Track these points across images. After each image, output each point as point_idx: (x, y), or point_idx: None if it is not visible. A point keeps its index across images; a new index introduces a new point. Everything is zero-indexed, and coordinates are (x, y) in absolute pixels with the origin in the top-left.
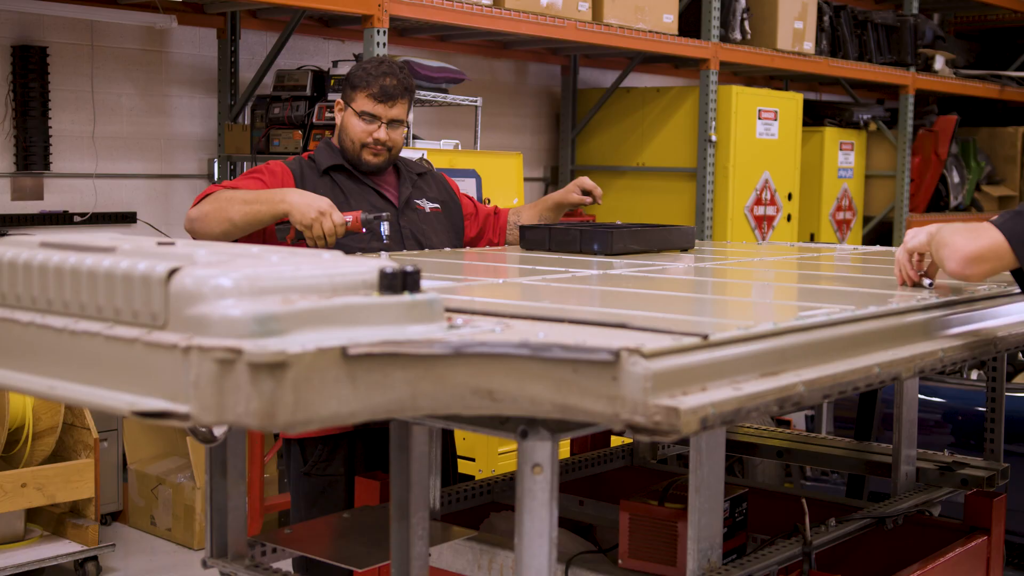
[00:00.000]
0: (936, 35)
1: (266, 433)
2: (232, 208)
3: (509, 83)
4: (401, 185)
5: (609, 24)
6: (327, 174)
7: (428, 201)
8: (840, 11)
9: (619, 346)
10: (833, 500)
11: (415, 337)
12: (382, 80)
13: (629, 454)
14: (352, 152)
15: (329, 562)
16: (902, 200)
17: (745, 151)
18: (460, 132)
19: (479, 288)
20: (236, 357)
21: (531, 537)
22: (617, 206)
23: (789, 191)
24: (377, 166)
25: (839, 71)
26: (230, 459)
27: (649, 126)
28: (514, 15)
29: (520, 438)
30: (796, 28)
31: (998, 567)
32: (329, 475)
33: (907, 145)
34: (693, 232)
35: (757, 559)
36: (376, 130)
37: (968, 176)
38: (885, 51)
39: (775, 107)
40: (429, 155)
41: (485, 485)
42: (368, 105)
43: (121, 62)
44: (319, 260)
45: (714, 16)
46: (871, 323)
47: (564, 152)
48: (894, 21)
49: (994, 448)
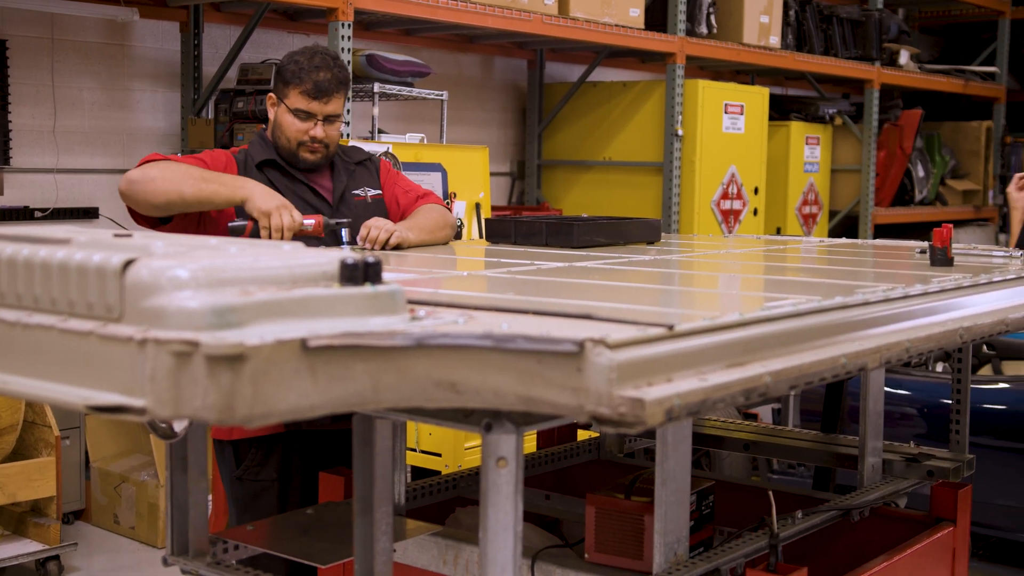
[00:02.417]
0: (901, 30)
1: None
2: (186, 182)
3: (475, 77)
4: (335, 180)
5: (575, 18)
6: (260, 169)
7: (369, 189)
8: (806, 5)
9: (583, 337)
10: (800, 492)
11: (377, 329)
12: (315, 75)
13: (596, 448)
14: (288, 150)
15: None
16: (868, 194)
17: (711, 145)
18: (426, 126)
19: (443, 280)
20: (193, 350)
21: (496, 531)
22: (584, 200)
23: (755, 185)
24: (315, 163)
25: (805, 66)
26: (191, 455)
27: (615, 120)
28: (480, 9)
29: (484, 431)
30: (762, 22)
31: (964, 558)
32: (262, 480)
33: (872, 139)
34: (659, 225)
35: (724, 552)
36: (312, 128)
37: (933, 170)
38: (850, 46)
39: (741, 101)
40: (394, 149)
41: (451, 480)
42: (303, 102)
43: (82, 55)
44: (279, 251)
45: (680, 10)
46: (837, 314)
47: (531, 146)
48: (859, 16)
49: (960, 440)
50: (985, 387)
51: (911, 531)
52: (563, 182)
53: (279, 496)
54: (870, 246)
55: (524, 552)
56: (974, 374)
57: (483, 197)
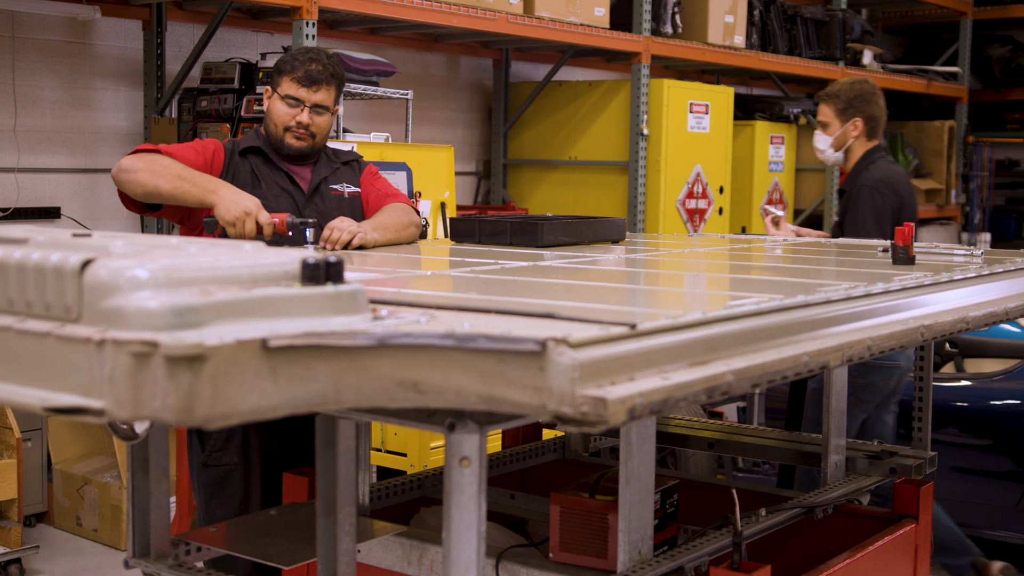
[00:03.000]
0: (864, 30)
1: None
2: (165, 177)
3: (441, 76)
4: (315, 172)
5: (541, 17)
6: (244, 156)
7: (349, 185)
8: (770, 5)
9: (546, 336)
10: (764, 490)
11: (338, 328)
12: (307, 65)
13: (561, 447)
14: (275, 135)
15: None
16: (832, 193)
17: (677, 145)
18: (391, 125)
19: (406, 280)
20: (152, 350)
21: (459, 531)
22: (549, 200)
23: (720, 184)
24: (300, 150)
25: (769, 65)
26: (152, 456)
27: (581, 120)
28: (445, 8)
29: (447, 431)
30: (727, 22)
31: (926, 554)
32: (224, 465)
33: None
34: (624, 224)
35: (688, 550)
36: (299, 113)
37: None
38: (815, 45)
39: (706, 101)
40: (359, 148)
41: (415, 480)
42: (292, 89)
43: (43, 54)
44: (240, 251)
45: (645, 10)
46: (800, 312)
47: (496, 146)
48: (823, 16)
49: (922, 437)
50: (947, 384)
51: (874, 528)
52: (529, 181)
53: (244, 480)
54: (833, 245)
55: (489, 552)
56: (937, 372)
57: (448, 196)
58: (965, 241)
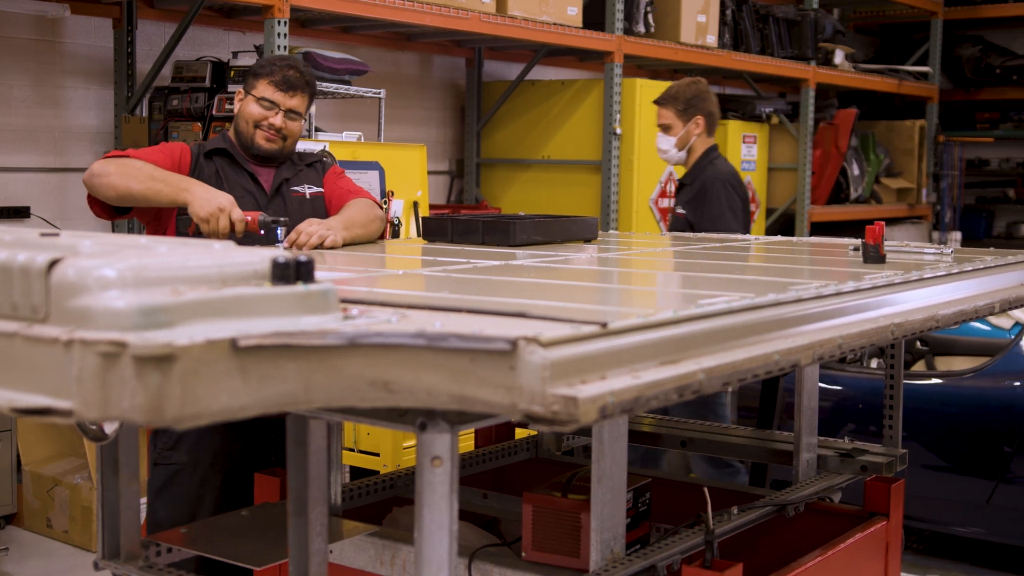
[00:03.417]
0: (836, 30)
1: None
2: (137, 178)
3: (414, 75)
4: (278, 173)
5: (513, 16)
6: (209, 158)
7: (311, 186)
8: (742, 5)
9: (517, 335)
10: (736, 489)
11: (309, 328)
12: (285, 71)
13: (534, 446)
14: (246, 135)
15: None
16: (804, 192)
17: (650, 144)
18: (363, 124)
19: (378, 279)
20: (120, 350)
21: (431, 531)
22: (522, 199)
23: None
24: (269, 152)
25: (742, 65)
26: (122, 457)
27: (554, 119)
28: (418, 7)
29: (419, 430)
30: (699, 22)
31: (897, 551)
32: (174, 464)
33: (808, 138)
34: (596, 223)
35: (660, 549)
36: (273, 116)
37: (868, 169)
38: (786, 45)
39: None
40: (331, 147)
41: (388, 480)
42: (268, 91)
43: (12, 52)
44: (209, 250)
45: (618, 9)
46: (770, 311)
47: (469, 145)
48: (795, 16)
49: (893, 435)
50: (918, 382)
51: (845, 525)
52: (502, 181)
53: (191, 480)
54: (805, 244)
55: (461, 551)
56: (908, 370)
57: (421, 196)
58: (936, 240)
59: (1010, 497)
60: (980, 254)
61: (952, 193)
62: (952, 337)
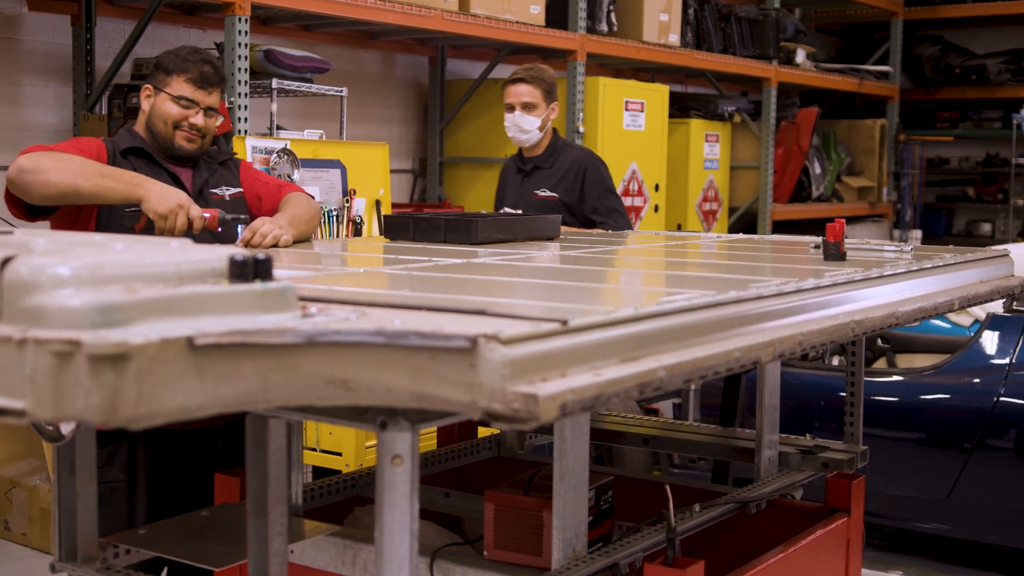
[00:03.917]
0: (798, 29)
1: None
2: (84, 175)
3: (376, 73)
4: (196, 176)
5: (476, 15)
6: (125, 157)
7: (228, 188)
8: (704, 4)
9: (476, 333)
10: (698, 486)
11: (267, 326)
12: (201, 66)
13: (496, 445)
14: (165, 136)
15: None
16: (766, 191)
17: (612, 142)
18: (325, 123)
19: (338, 277)
20: (75, 349)
21: (392, 530)
22: (485, 197)
23: (656, 182)
24: (190, 152)
25: (704, 64)
26: (79, 458)
27: None
28: (380, 4)
29: (379, 429)
30: (662, 20)
31: (858, 548)
32: (109, 482)
33: (770, 137)
34: (559, 221)
35: (622, 547)
36: (193, 115)
37: (829, 167)
38: (748, 44)
39: (642, 99)
40: (293, 145)
41: (349, 479)
42: (187, 90)
43: None
44: (166, 248)
45: (581, 8)
46: (731, 308)
47: (432, 143)
48: (757, 15)
49: (854, 432)
50: (879, 380)
51: (807, 522)
52: (465, 179)
53: (128, 499)
54: (767, 242)
55: (423, 551)
56: (869, 367)
57: (383, 194)
58: (897, 238)
59: (970, 492)
60: (940, 251)
61: (912, 192)
62: (913, 335)
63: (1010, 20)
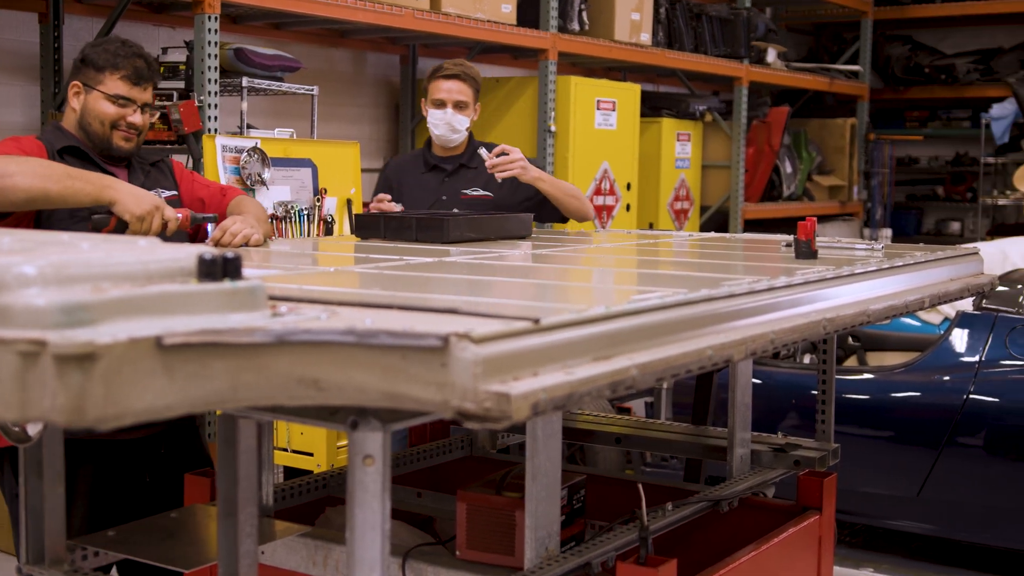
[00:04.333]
0: (768, 28)
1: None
2: (52, 178)
3: (347, 72)
4: (132, 177)
5: (447, 13)
6: (61, 156)
7: (163, 190)
8: (676, 3)
9: (448, 331)
10: (670, 485)
11: (236, 326)
12: (134, 61)
13: (469, 444)
14: (101, 136)
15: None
16: (737, 190)
17: (584, 141)
18: (296, 122)
19: (308, 276)
20: (40, 349)
21: (363, 530)
22: None
23: (628, 181)
24: (127, 152)
25: (675, 63)
26: (46, 459)
27: (489, 116)
28: (351, 3)
29: (350, 429)
30: (633, 20)
31: (829, 545)
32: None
33: (741, 136)
34: (530, 220)
35: (594, 546)
36: (131, 114)
37: (800, 166)
38: (720, 44)
39: (613, 98)
40: (263, 144)
41: (321, 479)
42: (122, 88)
43: None
44: (134, 247)
45: (552, 7)
46: (703, 306)
47: (404, 142)
48: (728, 14)
49: (825, 429)
50: (850, 378)
51: (779, 520)
52: None
53: (66, 515)
54: (738, 240)
55: (394, 551)
56: (840, 365)
57: (354, 193)
58: (867, 237)
59: (940, 490)
60: (910, 250)
61: (883, 191)
62: (883, 333)
63: (979, 20)
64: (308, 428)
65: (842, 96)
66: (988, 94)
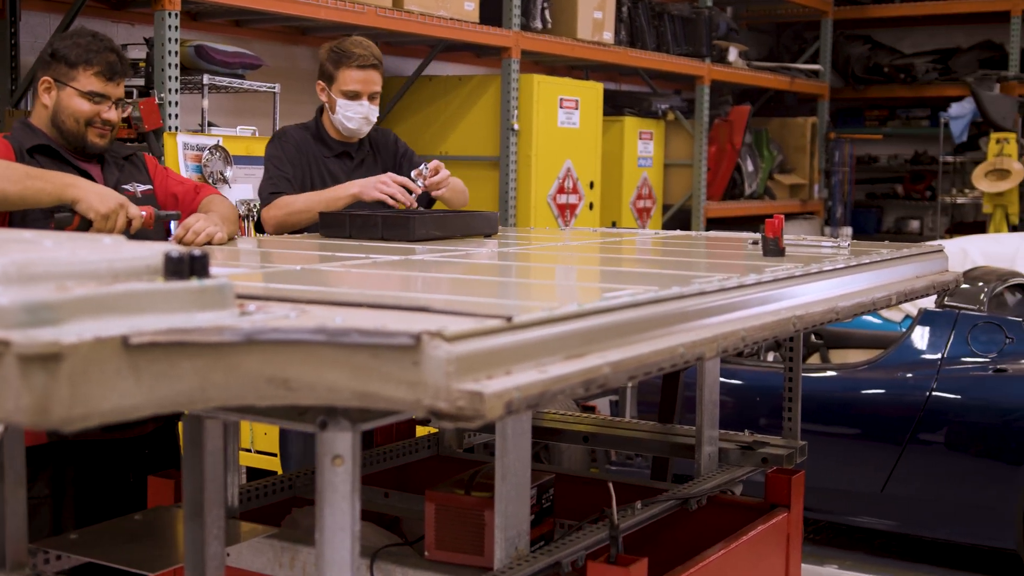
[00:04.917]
0: (730, 27)
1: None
2: (10, 179)
3: (309, 70)
4: (106, 172)
5: (410, 11)
6: (32, 155)
7: (139, 184)
8: (638, 2)
9: (420, 330)
10: (639, 483)
11: (204, 325)
12: (107, 56)
13: (435, 444)
14: (75, 133)
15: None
16: (699, 188)
17: (547, 140)
18: (257, 119)
19: (275, 274)
20: (3, 350)
21: (332, 531)
22: None
23: (591, 179)
24: (102, 148)
25: (638, 61)
26: (7, 461)
27: (451, 115)
28: (312, 0)
29: (319, 429)
30: (596, 18)
31: (797, 542)
32: (33, 497)
33: (703, 135)
34: (496, 217)
35: (564, 545)
36: (106, 110)
37: (761, 165)
38: (682, 42)
39: (576, 96)
40: (225, 142)
41: (287, 480)
42: (96, 84)
43: None
44: (99, 245)
45: (515, 5)
46: (674, 304)
47: None
48: (690, 13)
49: (792, 427)
50: (813, 375)
51: (747, 518)
52: None
53: (52, 514)
54: (704, 238)
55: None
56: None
57: None
58: (828, 235)
59: (904, 486)
60: (875, 247)
61: (843, 189)
62: (846, 330)
63: (937, 20)
64: (272, 428)
65: (803, 95)
66: (947, 93)
